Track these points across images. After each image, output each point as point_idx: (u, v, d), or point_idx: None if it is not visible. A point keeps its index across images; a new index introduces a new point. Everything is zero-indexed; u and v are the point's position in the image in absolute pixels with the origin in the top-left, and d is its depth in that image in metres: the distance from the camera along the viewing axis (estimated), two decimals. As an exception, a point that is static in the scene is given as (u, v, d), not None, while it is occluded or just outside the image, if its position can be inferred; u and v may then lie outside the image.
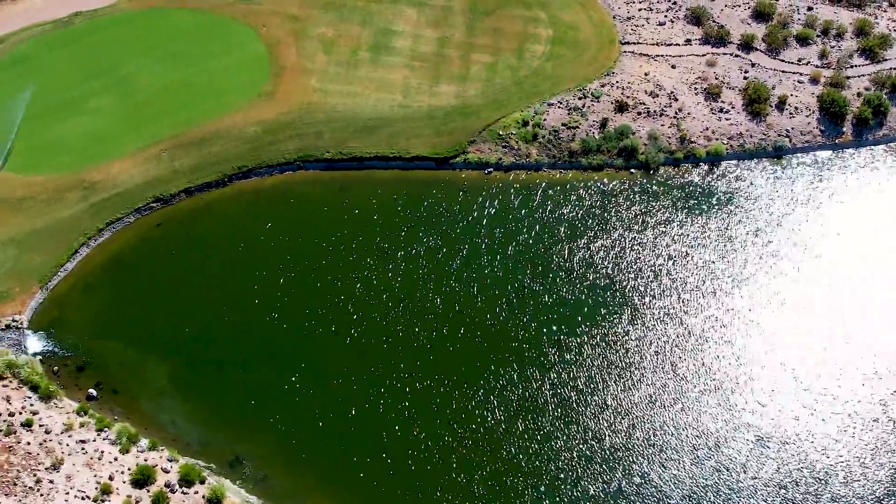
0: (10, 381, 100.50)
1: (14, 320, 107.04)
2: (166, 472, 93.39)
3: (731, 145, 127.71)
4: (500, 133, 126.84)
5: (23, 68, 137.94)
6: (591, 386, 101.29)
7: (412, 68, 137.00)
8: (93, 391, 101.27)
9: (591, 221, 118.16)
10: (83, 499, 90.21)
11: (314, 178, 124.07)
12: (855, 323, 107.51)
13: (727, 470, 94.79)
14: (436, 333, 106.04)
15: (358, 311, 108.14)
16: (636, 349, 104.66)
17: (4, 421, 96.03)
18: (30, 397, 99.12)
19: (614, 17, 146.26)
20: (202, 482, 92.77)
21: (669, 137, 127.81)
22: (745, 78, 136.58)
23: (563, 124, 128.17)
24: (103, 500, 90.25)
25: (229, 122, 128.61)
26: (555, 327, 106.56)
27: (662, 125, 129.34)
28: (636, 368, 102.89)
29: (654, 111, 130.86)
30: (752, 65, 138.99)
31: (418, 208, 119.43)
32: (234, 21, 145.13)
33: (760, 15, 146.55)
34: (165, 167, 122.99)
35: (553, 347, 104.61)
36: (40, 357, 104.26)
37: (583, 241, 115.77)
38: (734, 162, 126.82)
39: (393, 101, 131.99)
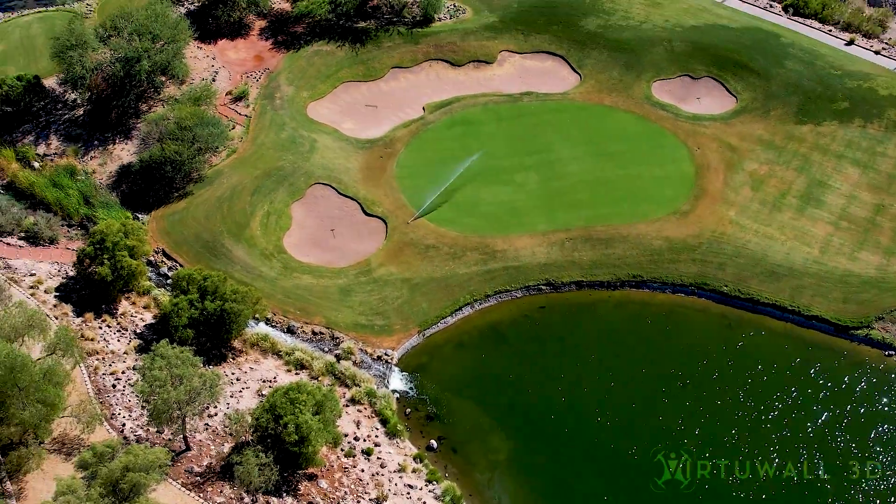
0: (365, 409, 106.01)
1: (386, 354, 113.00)
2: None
3: None
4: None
5: (469, 129, 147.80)
6: None
7: (837, 227, 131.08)
8: (434, 443, 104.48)
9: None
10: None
11: (703, 306, 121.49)
12: None
13: None
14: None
15: (685, 451, 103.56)
16: None
17: (349, 443, 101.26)
18: (377, 429, 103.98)
19: None
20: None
21: None
22: None
23: None
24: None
25: (638, 229, 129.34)
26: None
27: None
28: None
29: None
30: None
31: (801, 369, 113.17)
32: (673, 136, 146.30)
33: None
34: (565, 255, 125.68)
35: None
36: (398, 395, 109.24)
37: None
38: None
39: (807, 255, 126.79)
